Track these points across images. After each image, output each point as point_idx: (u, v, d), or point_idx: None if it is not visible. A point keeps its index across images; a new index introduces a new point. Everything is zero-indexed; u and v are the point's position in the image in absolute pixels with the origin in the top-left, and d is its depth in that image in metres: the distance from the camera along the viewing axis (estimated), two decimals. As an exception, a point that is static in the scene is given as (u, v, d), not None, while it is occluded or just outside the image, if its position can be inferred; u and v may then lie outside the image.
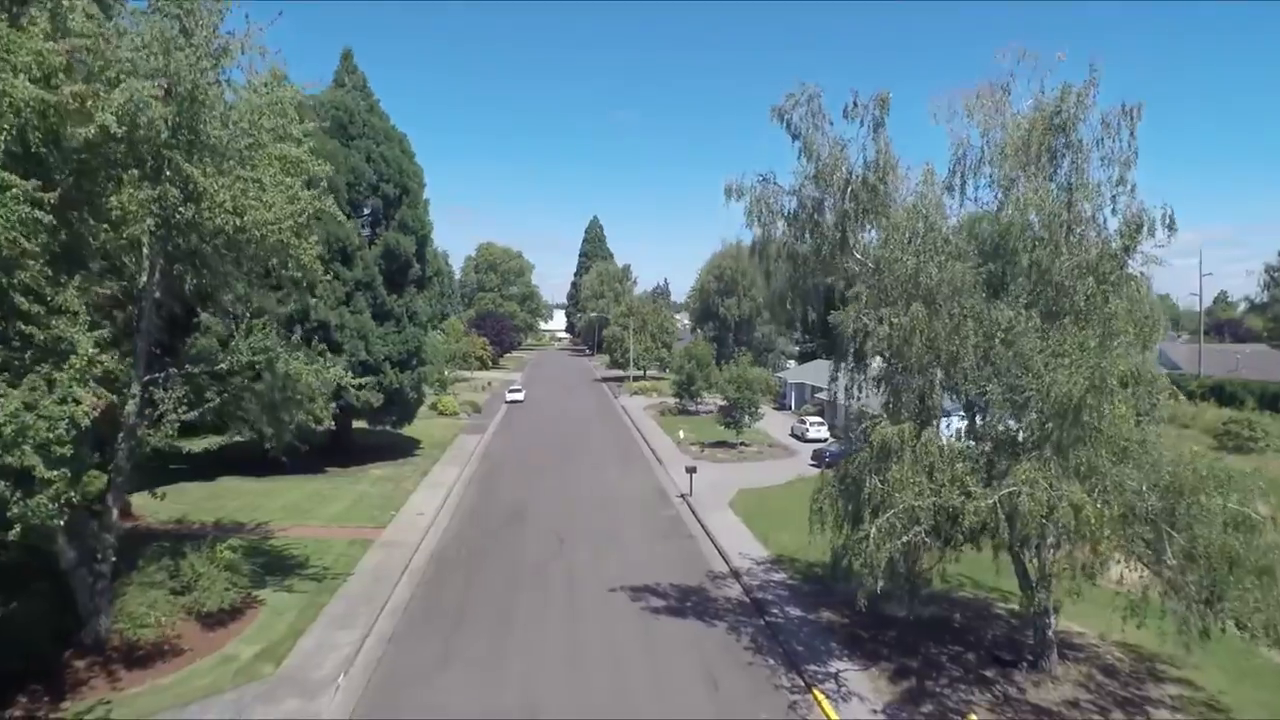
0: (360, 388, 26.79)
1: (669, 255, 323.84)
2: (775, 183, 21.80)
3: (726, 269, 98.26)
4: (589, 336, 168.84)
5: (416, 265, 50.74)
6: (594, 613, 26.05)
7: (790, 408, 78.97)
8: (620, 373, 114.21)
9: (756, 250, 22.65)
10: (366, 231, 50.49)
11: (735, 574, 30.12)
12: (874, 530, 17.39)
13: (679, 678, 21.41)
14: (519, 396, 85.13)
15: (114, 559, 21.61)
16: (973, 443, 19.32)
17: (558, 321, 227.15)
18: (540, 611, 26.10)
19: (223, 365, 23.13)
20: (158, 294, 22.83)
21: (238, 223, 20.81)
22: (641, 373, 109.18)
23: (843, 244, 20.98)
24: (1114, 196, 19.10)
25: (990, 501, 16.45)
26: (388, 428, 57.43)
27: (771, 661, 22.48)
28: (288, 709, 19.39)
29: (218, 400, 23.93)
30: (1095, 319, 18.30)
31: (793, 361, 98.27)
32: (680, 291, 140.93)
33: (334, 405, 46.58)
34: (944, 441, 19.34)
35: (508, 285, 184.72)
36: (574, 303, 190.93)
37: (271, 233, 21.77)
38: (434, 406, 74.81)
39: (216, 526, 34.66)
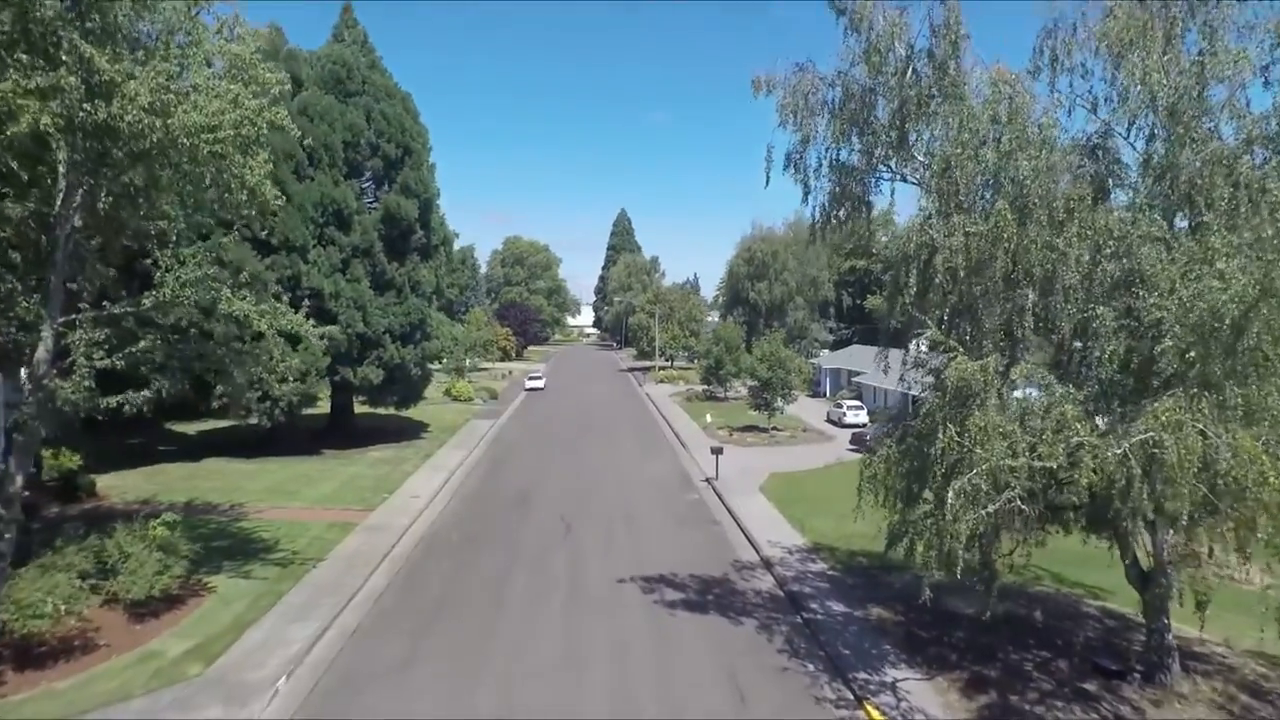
0: (323, 337, 22.82)
1: (699, 253, 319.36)
2: (815, 72, 17.53)
3: (757, 252, 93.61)
4: (616, 330, 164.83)
5: (420, 232, 46.98)
6: (597, 606, 21.97)
7: (825, 394, 74.31)
8: (647, 363, 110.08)
9: (792, 160, 18.36)
10: (367, 197, 46.95)
11: (766, 564, 25.86)
12: (951, 496, 13.07)
13: (696, 686, 17.24)
14: (539, 384, 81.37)
15: (10, 536, 17.80)
16: (1069, 388, 14.83)
17: (586, 317, 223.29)
18: (534, 604, 22.08)
19: (147, 303, 19.24)
20: (77, 220, 19.07)
21: (160, 127, 17.02)
22: (668, 362, 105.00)
23: (900, 143, 16.71)
24: (1265, 68, 14.61)
25: (1118, 451, 12.05)
26: (393, 410, 53.79)
27: (811, 667, 18.21)
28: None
29: (150, 347, 19.95)
30: (1243, 226, 13.79)
31: (825, 351, 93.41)
32: (710, 289, 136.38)
33: (327, 381, 43.59)
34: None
35: (534, 279, 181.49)
36: (601, 296, 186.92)
37: (205, 143, 17.97)
38: (448, 392, 71.47)
39: (187, 507, 31.11)
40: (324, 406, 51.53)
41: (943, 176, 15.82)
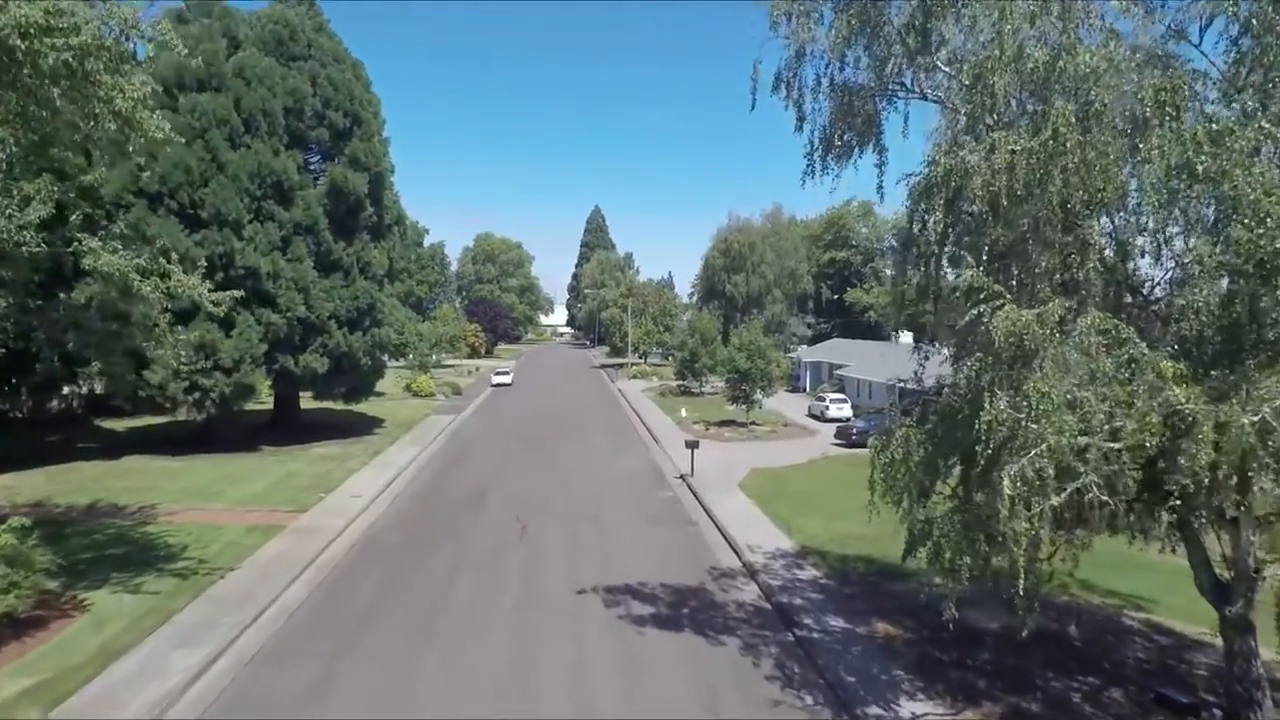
0: (218, 304, 19.03)
1: (674, 254, 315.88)
2: (815, -32, 14.21)
3: (734, 243, 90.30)
4: (590, 328, 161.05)
5: (370, 209, 43.16)
6: (553, 621, 18.51)
7: (805, 389, 71.29)
8: (619, 359, 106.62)
9: (784, 79, 15.01)
10: (314, 171, 43.09)
11: (749, 570, 22.53)
12: (1007, 485, 9.78)
13: (668, 725, 13.86)
14: (506, 380, 77.67)
15: None
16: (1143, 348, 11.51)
17: (559, 316, 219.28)
18: (478, 619, 18.57)
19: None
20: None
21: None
22: (642, 358, 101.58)
23: (922, 47, 13.38)
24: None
25: (1251, 420, 8.81)
26: (349, 404, 49.87)
27: (809, 700, 14.88)
28: (28, 783, 11.91)
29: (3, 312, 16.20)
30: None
31: (803, 346, 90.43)
32: (684, 288, 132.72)
33: (265, 371, 39.66)
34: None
35: (506, 277, 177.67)
36: (574, 294, 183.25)
37: (50, 50, 14.31)
38: (408, 387, 67.52)
39: (89, 510, 27.30)
40: (272, 401, 47.76)
41: (974, 87, 12.53)
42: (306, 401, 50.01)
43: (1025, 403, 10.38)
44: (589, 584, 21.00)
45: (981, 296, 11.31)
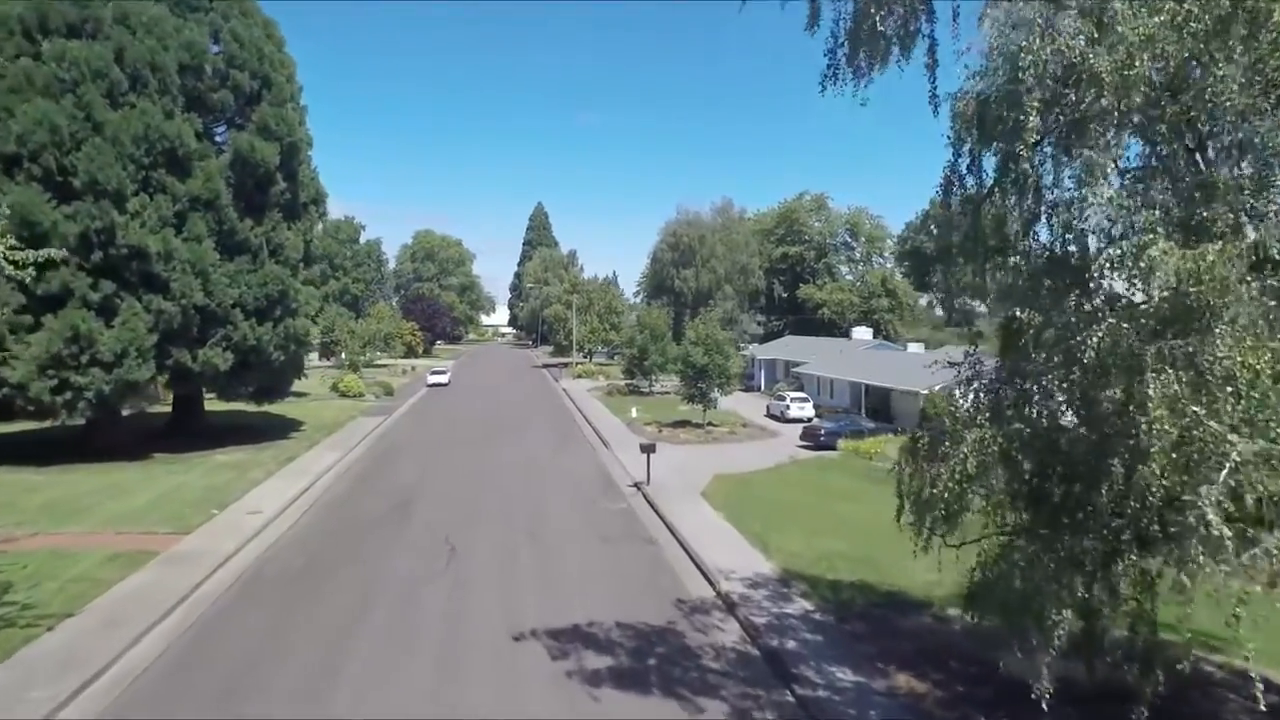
0: (20, 266, 14.13)
1: (619, 254, 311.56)
2: None
3: (683, 237, 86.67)
4: (532, 327, 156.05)
5: (283, 184, 38.18)
6: (483, 685, 14.27)
7: (759, 387, 67.96)
8: (563, 359, 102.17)
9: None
10: (218, 139, 37.95)
11: (727, 603, 18.59)
12: (1210, 510, 6.01)
13: None
14: (442, 379, 72.74)
15: None
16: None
17: (501, 316, 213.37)
18: (385, 685, 14.23)
19: None
20: None
21: None
22: (586, 356, 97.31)
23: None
24: None
25: None
26: (263, 406, 44.65)
27: (832, 800, 10.97)
28: None
29: None
30: None
31: (754, 344, 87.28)
32: (630, 288, 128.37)
33: (155, 367, 34.41)
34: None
35: (446, 275, 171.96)
36: (516, 293, 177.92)
37: None
38: (335, 386, 62.25)
39: (-91, 535, 22.07)
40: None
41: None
42: (217, 403, 44.70)
43: (1205, 386, 6.60)
44: (529, 625, 16.79)
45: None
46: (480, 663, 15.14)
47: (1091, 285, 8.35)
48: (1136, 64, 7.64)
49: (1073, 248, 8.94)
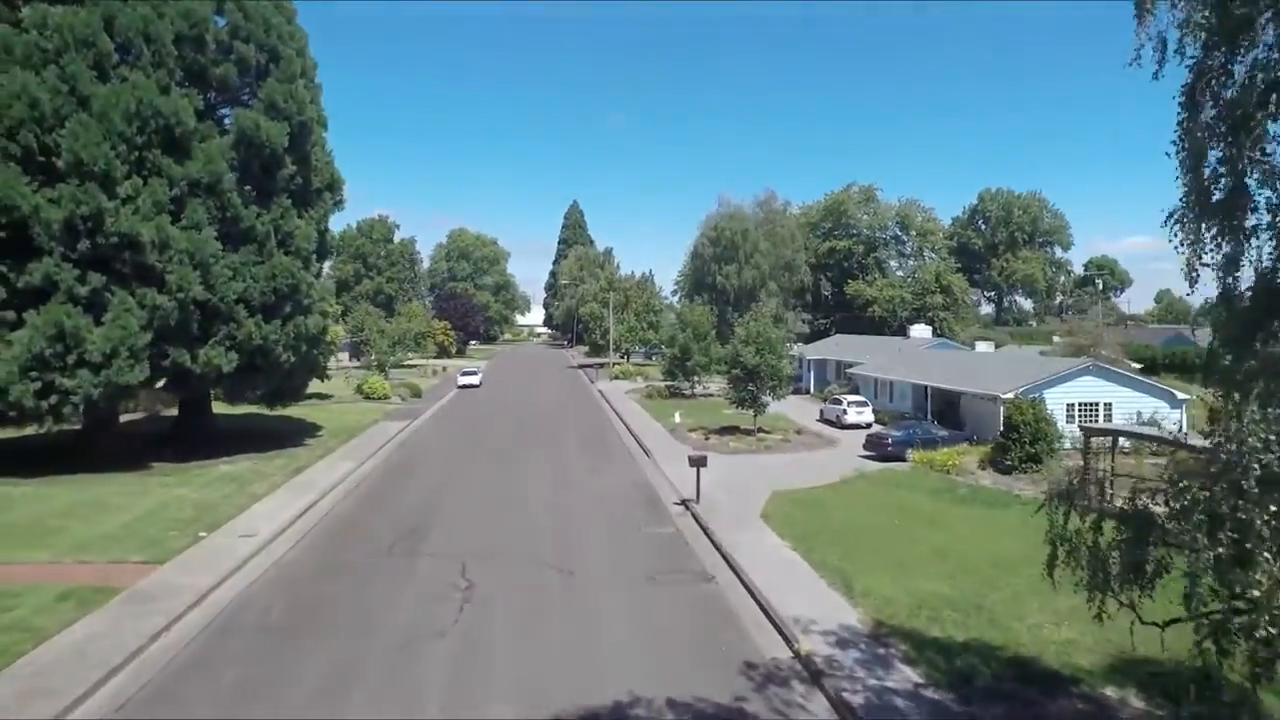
0: None
1: (655, 253, 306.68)
2: None
3: (725, 231, 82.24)
4: (567, 327, 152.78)
5: (292, 167, 34.84)
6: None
7: (808, 389, 63.52)
8: (599, 359, 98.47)
9: None
10: (222, 119, 34.77)
11: (810, 670, 14.53)
12: None
13: None
14: (473, 380, 69.47)
15: None
16: None
17: (536, 316, 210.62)
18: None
19: None
20: None
21: None
22: (624, 357, 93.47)
23: None
24: None
25: None
26: (281, 410, 41.55)
27: None
28: None
29: None
30: None
31: (799, 344, 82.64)
32: (667, 287, 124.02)
33: (147, 369, 31.19)
34: None
35: (481, 274, 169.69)
36: (551, 292, 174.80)
37: None
38: (359, 389, 59.19)
39: None
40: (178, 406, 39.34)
41: None
42: (229, 407, 41.58)
43: None
44: (554, 706, 12.91)
45: None
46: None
47: None
48: None
49: None
